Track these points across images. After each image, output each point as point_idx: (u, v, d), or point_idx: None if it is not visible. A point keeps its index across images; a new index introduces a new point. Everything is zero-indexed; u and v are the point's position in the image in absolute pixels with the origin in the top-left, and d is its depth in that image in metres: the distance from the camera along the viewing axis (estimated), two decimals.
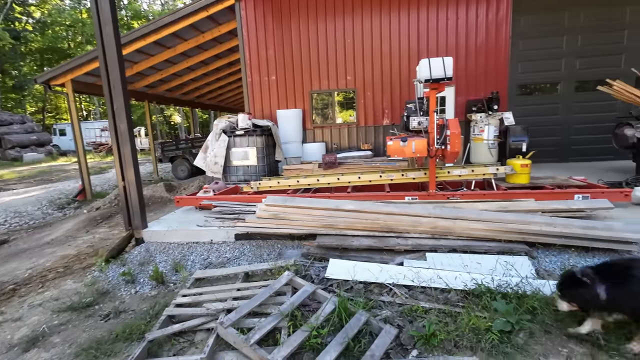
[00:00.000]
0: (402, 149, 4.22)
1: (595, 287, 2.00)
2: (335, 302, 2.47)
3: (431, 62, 3.93)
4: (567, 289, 2.14)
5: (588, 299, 2.03)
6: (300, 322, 2.35)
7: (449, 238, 3.52)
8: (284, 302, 2.56)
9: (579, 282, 2.06)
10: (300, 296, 2.60)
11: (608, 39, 7.82)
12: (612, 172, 6.57)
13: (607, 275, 2.03)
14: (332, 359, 1.99)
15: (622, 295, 1.97)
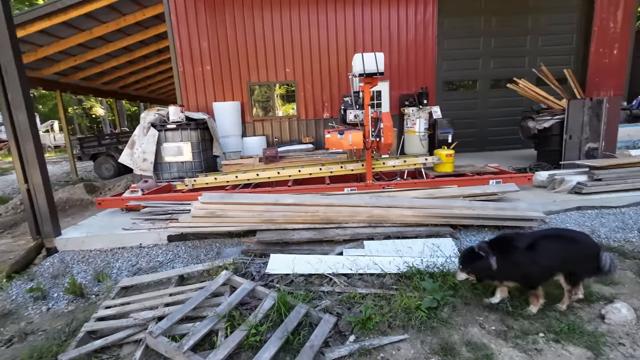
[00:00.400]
0: (340, 141, 4.31)
1: (489, 259, 2.23)
2: (274, 298, 2.45)
3: (364, 57, 4.05)
4: (466, 262, 2.34)
5: (482, 269, 2.27)
6: (238, 322, 2.28)
7: (384, 225, 3.71)
8: (221, 303, 2.46)
9: (476, 255, 2.28)
10: (238, 295, 2.52)
11: (515, 42, 8.89)
12: (520, 159, 7.55)
13: (497, 248, 2.28)
14: (271, 355, 1.96)
15: (507, 265, 2.24)
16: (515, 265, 2.25)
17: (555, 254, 2.28)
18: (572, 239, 2.40)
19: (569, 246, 2.33)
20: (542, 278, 2.31)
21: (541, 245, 2.28)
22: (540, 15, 8.76)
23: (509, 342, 2.15)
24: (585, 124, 5.24)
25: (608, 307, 2.34)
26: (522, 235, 2.45)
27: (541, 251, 2.26)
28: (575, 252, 2.30)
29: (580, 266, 2.30)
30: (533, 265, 2.24)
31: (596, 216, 4.01)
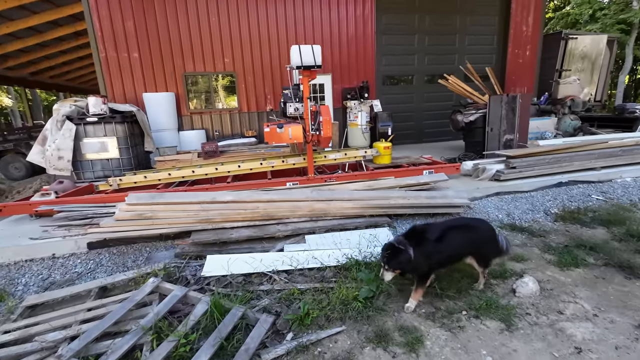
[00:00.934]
0: (280, 135, 4.22)
1: (408, 251, 2.27)
2: (208, 302, 2.31)
3: (301, 49, 3.99)
4: (391, 259, 2.29)
5: (405, 262, 2.26)
6: (166, 333, 2.11)
7: (325, 219, 3.73)
8: (148, 314, 2.26)
9: (397, 250, 2.28)
10: (167, 303, 2.33)
11: (445, 40, 9.53)
12: (451, 149, 8.17)
13: (412, 240, 2.34)
14: None
15: (419, 255, 2.28)
16: (429, 255, 2.33)
17: (461, 241, 2.47)
18: (473, 227, 2.62)
19: (471, 234, 2.53)
20: (452, 262, 2.58)
21: (449, 235, 2.43)
22: (466, 16, 9.48)
23: (436, 322, 2.30)
24: (503, 118, 5.83)
25: (518, 282, 2.63)
26: (432, 226, 2.55)
27: (450, 240, 2.41)
28: (478, 238, 2.52)
29: (485, 249, 2.53)
30: (444, 253, 2.40)
31: (511, 200, 4.49)
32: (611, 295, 2.51)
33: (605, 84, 11.25)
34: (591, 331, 2.14)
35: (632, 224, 3.67)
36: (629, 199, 4.49)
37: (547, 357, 1.97)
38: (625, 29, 16.15)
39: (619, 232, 3.54)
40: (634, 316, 2.26)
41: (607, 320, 2.24)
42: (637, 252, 3.10)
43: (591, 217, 3.97)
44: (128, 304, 2.32)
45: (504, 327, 2.22)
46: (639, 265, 2.86)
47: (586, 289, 2.61)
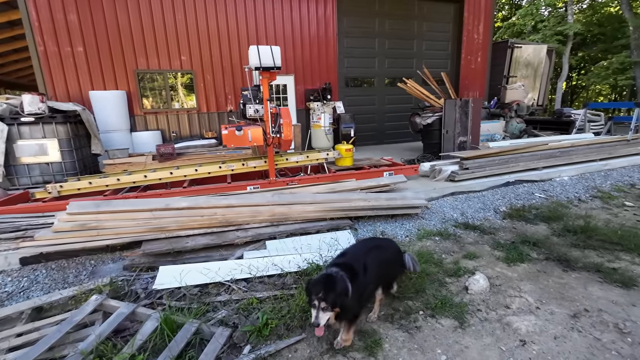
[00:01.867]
0: (238, 138, 4.09)
1: (347, 282, 1.91)
2: (158, 318, 2.16)
3: (260, 49, 3.89)
4: (329, 292, 1.81)
5: (345, 296, 1.86)
6: (109, 356, 1.93)
7: (286, 223, 3.67)
8: (89, 336, 2.06)
9: (337, 281, 1.88)
10: (112, 322, 2.15)
11: (404, 45, 9.87)
12: (411, 151, 8.46)
13: (345, 270, 1.99)
14: None
15: (355, 289, 1.94)
16: (365, 286, 2.05)
17: (381, 268, 2.23)
18: (385, 248, 2.42)
19: (384, 257, 2.31)
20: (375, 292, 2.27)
21: (371, 262, 2.16)
22: (423, 22, 9.88)
23: (394, 324, 2.34)
24: (457, 121, 6.13)
25: (470, 279, 2.75)
26: (355, 252, 2.27)
27: (372, 267, 2.14)
28: (389, 261, 2.35)
29: (393, 273, 2.41)
30: (370, 283, 2.13)
31: (465, 199, 4.73)
32: (551, 288, 2.71)
33: (545, 90, 12.29)
34: (534, 323, 2.29)
35: (568, 219, 4.02)
36: (566, 197, 4.92)
37: (496, 351, 2.07)
38: (562, 39, 17.78)
39: (558, 227, 3.85)
40: (570, 307, 2.46)
41: (548, 312, 2.41)
42: (573, 246, 3.39)
43: (534, 214, 4.29)
44: (65, 325, 2.10)
45: (457, 325, 2.31)
46: (574, 258, 3.13)
47: (530, 283, 2.80)
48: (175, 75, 7.86)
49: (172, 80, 7.88)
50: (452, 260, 3.18)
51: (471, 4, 10.10)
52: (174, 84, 7.99)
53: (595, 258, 3.15)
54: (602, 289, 2.67)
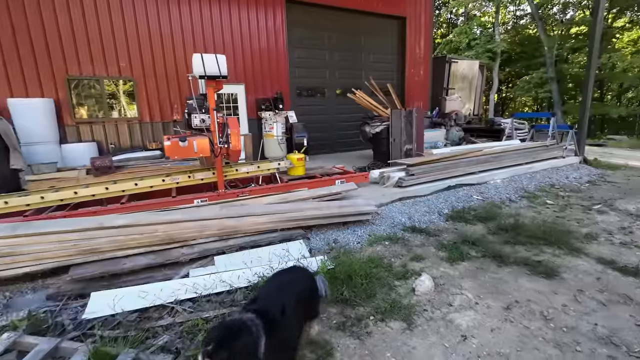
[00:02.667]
0: (183, 149, 3.89)
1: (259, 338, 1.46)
2: (86, 352, 1.93)
3: (204, 58, 3.77)
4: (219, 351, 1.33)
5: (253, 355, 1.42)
6: None
7: (236, 237, 3.54)
8: None
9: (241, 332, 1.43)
10: None
11: (353, 57, 10.24)
12: (362, 159, 8.72)
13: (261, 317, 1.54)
14: None
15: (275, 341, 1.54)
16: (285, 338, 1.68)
17: (297, 304, 1.90)
18: (299, 280, 2.16)
19: (301, 290, 2.05)
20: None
21: (288, 303, 1.79)
22: (370, 36, 10.37)
23: (346, 331, 2.34)
24: (403, 129, 6.47)
25: (417, 281, 2.87)
26: (270, 298, 1.83)
27: (294, 309, 1.81)
28: (307, 292, 2.10)
29: (312, 304, 2.18)
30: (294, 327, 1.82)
31: (412, 204, 4.97)
32: (487, 283, 2.93)
33: (480, 101, 13.53)
34: (473, 318, 2.45)
35: (501, 219, 4.40)
36: (499, 198, 5.40)
37: (440, 349, 2.17)
38: (491, 56, 19.79)
39: (493, 226, 4.20)
40: (504, 299, 2.68)
41: (485, 306, 2.59)
42: (505, 243, 3.71)
43: (473, 215, 4.64)
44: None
45: (405, 327, 2.38)
46: (506, 254, 3.42)
47: (470, 279, 3.00)
48: (116, 83, 7.30)
49: (112, 87, 7.31)
50: (400, 264, 3.30)
51: (412, 21, 10.83)
52: (116, 91, 7.42)
53: (524, 253, 3.47)
54: (530, 281, 2.95)
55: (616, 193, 5.67)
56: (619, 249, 3.56)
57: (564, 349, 2.13)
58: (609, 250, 3.51)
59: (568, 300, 2.65)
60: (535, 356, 2.08)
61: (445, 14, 26.67)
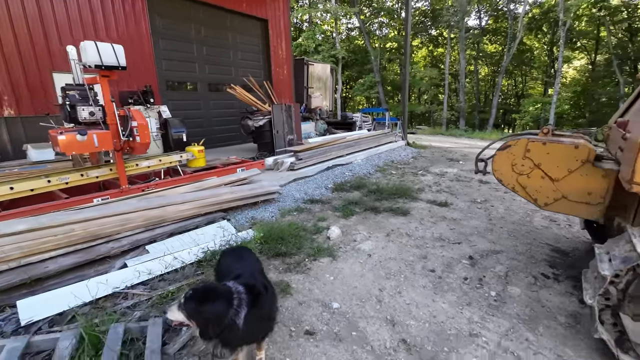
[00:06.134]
0: (81, 143, 3.57)
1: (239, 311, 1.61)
2: (75, 334, 1.99)
3: (100, 46, 3.57)
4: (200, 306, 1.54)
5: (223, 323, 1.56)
6: None
7: (163, 225, 3.66)
8: None
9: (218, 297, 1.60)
10: None
11: (222, 53, 10.43)
12: (245, 151, 9.20)
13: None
14: None
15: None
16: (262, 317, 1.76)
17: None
18: (257, 260, 2.25)
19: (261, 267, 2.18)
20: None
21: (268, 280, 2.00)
22: (236, 34, 10.77)
23: (293, 272, 3.09)
24: (285, 122, 7.41)
25: (329, 232, 3.87)
26: (252, 276, 1.89)
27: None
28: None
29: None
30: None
31: (304, 183, 5.99)
32: (372, 224, 4.22)
33: (332, 99, 15.99)
34: (371, 244, 3.63)
35: (368, 186, 5.95)
36: (362, 172, 7.09)
37: (357, 265, 3.22)
38: (334, 61, 23.26)
39: (364, 191, 5.68)
40: (384, 231, 3.99)
41: (375, 237, 3.83)
42: (375, 201, 5.18)
43: (349, 186, 6.04)
44: None
45: (331, 259, 3.33)
46: (377, 207, 4.85)
47: (361, 225, 4.22)
48: None
49: None
50: (312, 224, 4.23)
51: (274, 23, 11.84)
52: None
53: (387, 204, 5.00)
54: (395, 219, 4.42)
55: (428, 163, 8.35)
56: (435, 194, 5.60)
57: (420, 246, 3.56)
58: (431, 196, 5.48)
59: (417, 225, 4.21)
60: (408, 254, 3.40)
61: (292, 19, 29.19)
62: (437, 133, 17.78)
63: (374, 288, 2.84)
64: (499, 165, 2.82)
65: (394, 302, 2.65)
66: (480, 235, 3.91)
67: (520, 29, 20.94)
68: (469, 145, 12.17)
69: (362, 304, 2.63)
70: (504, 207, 4.91)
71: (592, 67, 23.99)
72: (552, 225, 4.20)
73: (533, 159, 2.64)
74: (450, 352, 2.14)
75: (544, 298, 2.68)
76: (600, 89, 21.74)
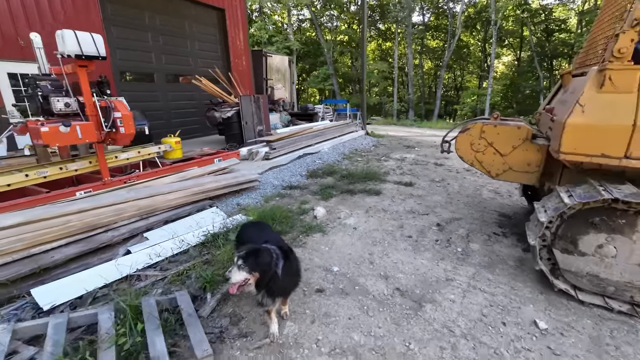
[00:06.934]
0: (64, 135, 3.49)
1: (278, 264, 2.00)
2: (111, 309, 2.15)
3: (79, 35, 3.50)
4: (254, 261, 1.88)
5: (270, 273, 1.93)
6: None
7: (156, 214, 3.75)
8: None
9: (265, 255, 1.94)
10: (60, 331, 1.93)
11: (179, 43, 10.08)
12: (209, 143, 9.11)
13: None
14: (162, 342, 1.95)
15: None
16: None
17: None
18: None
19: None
20: None
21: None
22: (193, 23, 10.45)
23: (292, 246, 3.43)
24: (254, 113, 7.56)
25: (315, 212, 4.26)
26: (279, 241, 2.32)
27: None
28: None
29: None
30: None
31: (280, 171, 6.27)
32: (352, 204, 4.70)
33: (292, 90, 16.19)
34: (354, 219, 4.10)
35: (339, 172, 6.42)
36: (331, 160, 7.54)
37: (346, 236, 3.66)
38: (288, 52, 23.30)
39: (337, 177, 6.14)
40: (363, 208, 4.49)
41: (356, 214, 4.31)
42: (349, 184, 5.67)
43: (321, 172, 6.46)
44: None
45: (322, 234, 3.73)
46: (352, 189, 5.34)
47: (341, 205, 4.67)
48: None
49: None
50: (296, 207, 4.58)
51: (231, 13, 11.66)
52: None
53: (360, 186, 5.52)
54: (370, 199, 4.94)
55: (388, 150, 9.09)
56: (400, 176, 6.26)
57: (396, 219, 4.11)
58: (396, 178, 6.12)
59: (389, 202, 4.78)
60: (387, 225, 3.94)
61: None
62: (390, 123, 18.93)
63: (365, 253, 3.31)
64: (461, 145, 3.43)
65: (383, 262, 3.15)
66: (442, 207, 4.59)
67: (458, 26, 22.87)
68: (420, 133, 13.29)
69: (358, 266, 3.08)
70: (458, 185, 5.70)
71: (518, 63, 27.10)
72: (497, 197, 5.05)
73: (487, 138, 3.28)
74: (434, 292, 2.69)
75: (497, 250, 3.37)
76: (525, 83, 24.71)
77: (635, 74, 2.25)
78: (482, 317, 2.41)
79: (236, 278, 1.83)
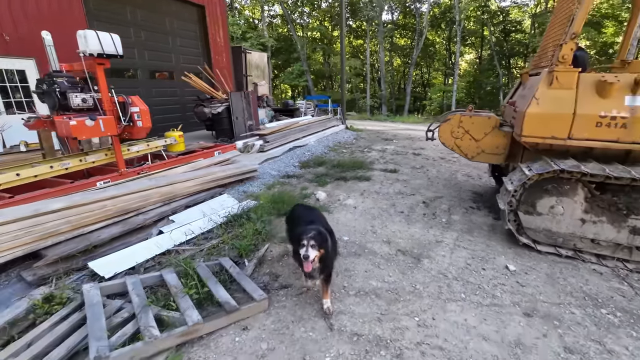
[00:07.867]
0: (90, 129, 3.74)
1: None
2: (171, 271, 2.57)
3: (100, 35, 3.76)
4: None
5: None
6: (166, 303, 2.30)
7: (176, 200, 4.11)
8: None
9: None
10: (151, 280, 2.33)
11: (160, 39, 10.10)
12: (197, 138, 9.30)
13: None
14: (225, 292, 2.41)
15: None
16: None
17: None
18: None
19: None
20: None
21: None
22: (174, 20, 10.49)
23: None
24: (244, 109, 7.90)
25: (317, 195, 4.79)
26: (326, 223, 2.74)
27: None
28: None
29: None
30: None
31: (275, 162, 6.72)
32: (347, 189, 5.27)
33: (271, 87, 16.45)
34: (352, 200, 4.68)
35: (329, 162, 6.98)
36: (319, 152, 8.08)
37: (348, 214, 4.23)
38: (262, 49, 23.40)
39: (328, 166, 6.69)
40: (359, 192, 5.08)
41: (353, 196, 4.89)
42: (341, 172, 6.24)
43: (313, 163, 6.98)
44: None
45: (328, 212, 4.27)
46: (344, 176, 5.92)
47: (337, 189, 5.24)
48: None
49: None
50: (298, 192, 5.08)
51: (211, 10, 11.76)
52: None
53: (351, 174, 6.11)
54: (362, 184, 5.55)
55: (369, 143, 9.77)
56: (384, 165, 6.93)
57: (388, 199, 4.75)
58: (382, 166, 6.79)
59: (379, 186, 5.41)
60: (382, 203, 4.56)
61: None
62: (365, 118, 19.74)
63: (367, 225, 3.90)
64: (443, 133, 4.11)
65: (384, 231, 3.75)
66: (425, 188, 5.29)
67: (425, 25, 24.13)
68: (394, 127, 14.16)
69: (363, 235, 3.66)
70: (436, 170, 6.47)
71: (479, 61, 29.01)
72: (469, 179, 5.85)
73: (464, 127, 3.97)
74: (428, 251, 3.33)
75: (474, 219, 4.10)
76: (486, 80, 26.58)
77: (573, 75, 2.99)
78: (467, 265, 3.08)
79: (312, 254, 2.16)
